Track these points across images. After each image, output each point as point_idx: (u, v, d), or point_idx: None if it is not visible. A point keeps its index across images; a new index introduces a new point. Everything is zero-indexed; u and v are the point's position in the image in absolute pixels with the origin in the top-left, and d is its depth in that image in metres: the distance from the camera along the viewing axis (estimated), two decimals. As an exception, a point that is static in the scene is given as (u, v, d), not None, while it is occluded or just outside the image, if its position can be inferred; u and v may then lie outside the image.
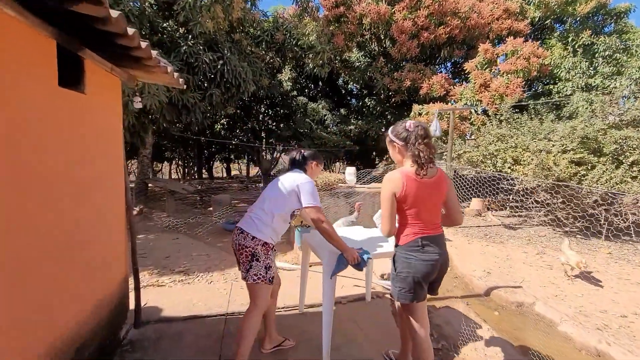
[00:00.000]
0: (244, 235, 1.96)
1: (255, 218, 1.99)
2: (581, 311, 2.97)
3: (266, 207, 1.99)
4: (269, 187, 2.08)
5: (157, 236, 5.72)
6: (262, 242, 1.92)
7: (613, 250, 4.80)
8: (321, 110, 11.27)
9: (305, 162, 2.15)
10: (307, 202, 1.95)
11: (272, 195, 2.02)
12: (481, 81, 7.31)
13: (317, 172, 2.25)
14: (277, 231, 2.02)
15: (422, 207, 1.66)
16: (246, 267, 1.96)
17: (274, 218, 1.96)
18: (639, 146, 4.98)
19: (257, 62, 8.11)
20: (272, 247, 2.01)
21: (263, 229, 1.94)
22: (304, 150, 2.22)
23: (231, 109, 8.37)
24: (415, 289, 1.70)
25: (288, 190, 1.98)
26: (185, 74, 6.66)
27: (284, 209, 1.98)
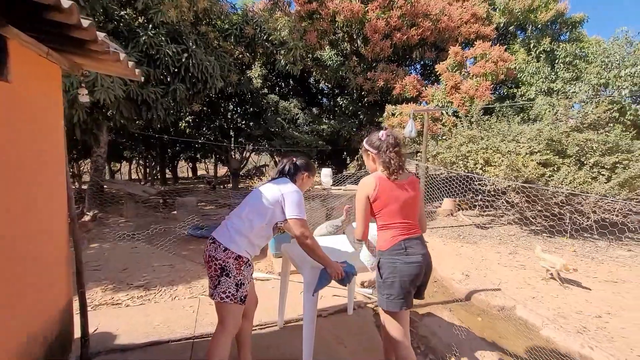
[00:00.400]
0: (215, 246, 1.72)
1: (230, 227, 1.76)
2: (559, 313, 2.98)
3: (245, 215, 1.77)
4: (251, 194, 1.86)
5: (113, 245, 5.18)
6: (234, 255, 1.69)
7: (577, 249, 5.00)
8: (293, 108, 10.99)
9: (296, 173, 1.94)
10: (292, 213, 1.73)
11: (253, 202, 1.80)
12: (452, 83, 7.42)
13: (307, 184, 2.04)
14: (255, 244, 1.78)
15: (397, 205, 1.71)
16: (214, 283, 1.71)
17: (253, 229, 1.74)
18: (599, 148, 5.23)
19: (225, 57, 7.68)
20: (247, 262, 1.75)
21: (237, 240, 1.71)
22: (297, 159, 1.99)
23: (197, 106, 7.88)
24: (404, 294, 1.66)
25: (272, 199, 1.76)
26: (145, 67, 6.12)
27: (265, 219, 1.75)
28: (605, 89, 6.01)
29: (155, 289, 3.52)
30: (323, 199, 4.69)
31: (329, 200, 4.69)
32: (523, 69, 7.77)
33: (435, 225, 6.65)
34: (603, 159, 5.15)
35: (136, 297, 3.30)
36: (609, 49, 6.20)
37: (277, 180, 1.88)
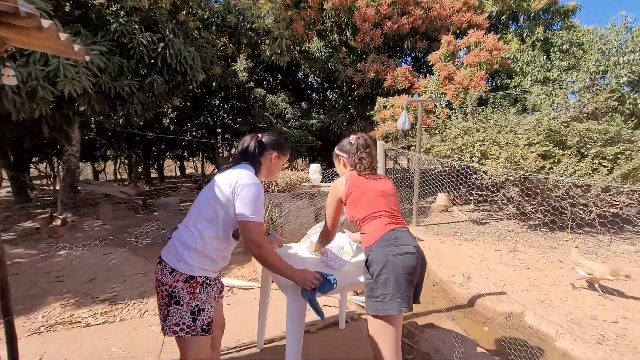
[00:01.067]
0: (161, 267, 1.37)
1: (176, 241, 1.39)
2: (572, 319, 2.70)
3: (192, 222, 1.39)
4: (202, 190, 1.48)
5: (83, 251, 4.74)
6: (184, 276, 1.32)
7: (579, 244, 4.77)
8: (281, 103, 10.57)
9: (262, 153, 1.54)
10: (242, 212, 1.34)
11: (200, 205, 1.42)
12: (445, 73, 7.13)
13: (277, 167, 1.64)
14: (214, 258, 1.40)
15: (375, 193, 1.58)
16: (163, 314, 1.35)
17: (204, 241, 1.36)
18: (600, 138, 5.00)
19: (207, 48, 7.21)
20: (206, 282, 1.38)
21: (187, 257, 1.34)
22: (263, 135, 1.58)
23: (177, 100, 7.40)
24: (402, 291, 1.41)
25: (223, 197, 1.36)
26: (118, 57, 5.64)
27: (217, 225, 1.37)
28: (604, 77, 5.80)
29: (122, 302, 3.13)
30: (312, 197, 4.34)
31: (318, 198, 4.34)
32: (517, 58, 7.51)
33: (430, 221, 6.37)
34: (604, 149, 4.91)
35: (99, 314, 2.91)
36: (606, 35, 5.98)
37: (236, 167, 1.46)
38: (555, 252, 4.44)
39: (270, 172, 1.62)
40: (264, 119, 10.02)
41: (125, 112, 6.43)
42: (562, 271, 3.77)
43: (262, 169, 1.56)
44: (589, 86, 5.85)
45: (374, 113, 8.04)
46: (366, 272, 1.51)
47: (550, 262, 4.06)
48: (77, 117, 6.20)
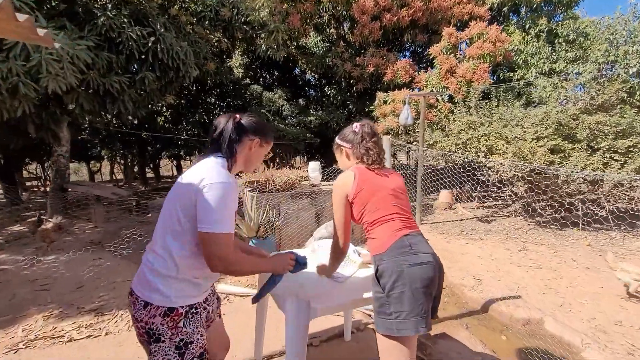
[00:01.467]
0: (133, 300, 1.13)
1: (145, 266, 1.14)
2: (597, 326, 2.50)
3: (158, 243, 1.13)
4: (165, 200, 1.18)
5: (72, 257, 4.51)
6: (161, 310, 1.08)
7: (591, 242, 4.58)
8: (278, 100, 10.33)
9: (240, 139, 1.21)
10: (202, 222, 1.05)
11: (162, 218, 1.15)
12: (447, 67, 6.90)
13: (257, 157, 1.30)
14: (195, 281, 1.15)
15: (386, 192, 1.37)
16: (147, 351, 1.15)
17: (176, 262, 1.10)
18: (611, 131, 4.79)
19: (200, 43, 6.96)
20: (191, 310, 1.13)
21: (159, 285, 1.09)
22: (242, 116, 1.25)
23: (171, 98, 7.15)
24: (420, 309, 1.20)
25: (188, 201, 1.08)
26: (107, 52, 5.39)
27: (186, 239, 1.10)
28: (612, 68, 5.59)
29: (110, 313, 2.91)
30: (312, 196, 4.12)
31: (319, 197, 4.12)
32: (521, 50, 7.29)
33: (434, 219, 6.17)
34: (616, 143, 4.71)
35: (84, 327, 2.69)
36: (614, 24, 5.77)
37: (203, 159, 1.17)
38: (567, 251, 4.24)
39: (249, 162, 1.28)
40: (260, 116, 9.77)
41: (116, 110, 6.18)
42: (576, 271, 3.58)
43: (239, 158, 1.22)
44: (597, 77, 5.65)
45: (374, 108, 7.82)
46: (376, 285, 1.29)
47: (564, 261, 3.86)
48: (65, 116, 5.95)
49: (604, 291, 3.10)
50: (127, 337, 2.46)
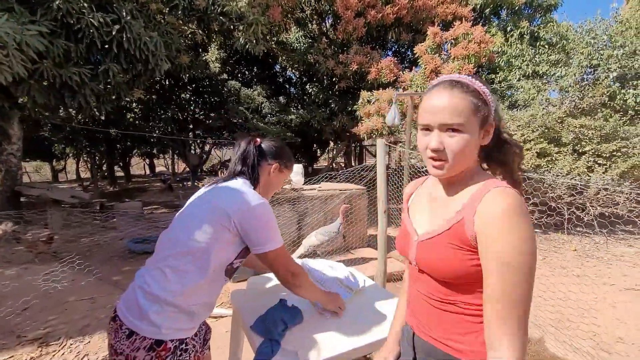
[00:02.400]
0: (115, 327, 0.98)
1: (139, 289, 0.99)
2: (599, 344, 2.35)
3: (166, 262, 1.00)
4: (179, 216, 1.11)
5: (22, 270, 3.98)
6: (148, 342, 0.93)
7: (577, 246, 4.54)
8: (257, 97, 9.90)
9: (260, 163, 1.19)
10: (265, 242, 1.04)
11: (176, 237, 1.04)
12: (432, 66, 6.75)
13: (277, 183, 1.27)
14: (195, 311, 1.01)
15: None
16: None
17: (185, 287, 0.98)
18: (595, 135, 4.77)
19: (173, 34, 6.45)
20: (179, 348, 0.97)
21: (153, 315, 0.95)
22: (262, 140, 1.23)
23: (140, 93, 6.60)
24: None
25: (218, 223, 1.01)
26: (64, 40, 4.83)
27: (207, 264, 1.00)
28: (594, 72, 5.63)
29: (57, 342, 2.48)
30: (293, 202, 3.80)
31: (300, 203, 3.81)
32: (505, 51, 7.27)
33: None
34: (600, 147, 4.69)
35: (23, 362, 2.25)
36: (595, 28, 5.81)
37: (230, 182, 1.11)
38: (555, 257, 4.16)
39: (268, 187, 1.25)
40: (238, 114, 9.33)
41: (77, 105, 5.59)
42: (567, 280, 3.48)
43: (259, 184, 1.20)
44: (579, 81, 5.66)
45: (357, 108, 7.58)
46: None
47: (554, 269, 3.76)
48: (15, 111, 5.31)
49: (599, 302, 2.99)
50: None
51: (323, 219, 3.96)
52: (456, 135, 0.69)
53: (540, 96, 5.79)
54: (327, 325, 1.20)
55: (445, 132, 0.70)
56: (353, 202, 4.07)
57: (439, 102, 0.70)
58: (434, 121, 0.70)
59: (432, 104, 0.71)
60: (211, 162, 19.59)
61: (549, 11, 9.27)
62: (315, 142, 13.03)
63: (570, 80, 5.81)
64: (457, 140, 0.69)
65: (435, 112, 0.70)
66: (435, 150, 0.70)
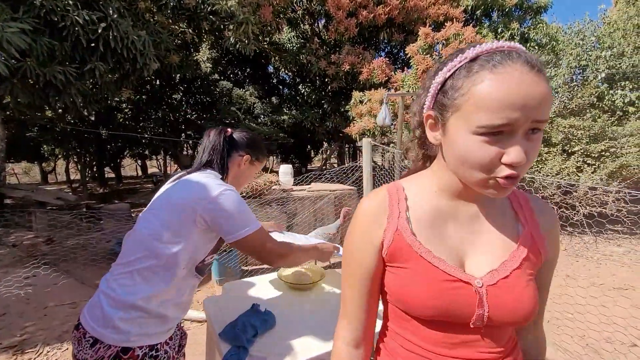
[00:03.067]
0: (79, 336, 0.92)
1: (102, 294, 0.95)
2: (588, 344, 2.33)
3: (131, 265, 0.95)
4: (143, 215, 1.04)
5: (1, 273, 3.85)
6: (113, 350, 0.89)
7: (566, 246, 4.55)
8: (249, 97, 9.83)
9: (230, 154, 1.15)
10: (237, 229, 0.98)
11: (141, 236, 0.98)
12: (424, 67, 6.76)
13: (247, 176, 1.24)
14: (165, 314, 0.96)
15: None
16: None
17: (154, 288, 0.94)
18: (584, 135, 4.80)
19: (162, 33, 6.36)
20: (148, 355, 0.92)
21: (118, 321, 0.90)
22: (234, 130, 1.20)
23: (128, 93, 6.50)
24: None
25: (185, 218, 0.96)
26: (48, 38, 4.72)
27: (175, 263, 0.95)
28: (582, 73, 5.67)
29: (33, 350, 2.39)
30: (282, 202, 3.75)
31: (289, 204, 3.76)
32: (495, 52, 7.31)
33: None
34: (589, 147, 4.72)
35: (-5, 372, 2.16)
36: (583, 30, 5.87)
37: (194, 174, 1.05)
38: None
39: (238, 180, 1.20)
40: (230, 114, 9.24)
41: (62, 105, 5.47)
42: (557, 280, 3.46)
43: (229, 175, 1.15)
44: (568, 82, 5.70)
45: (349, 108, 7.56)
46: None
47: (544, 269, 3.75)
48: (-2, 110, 5.18)
49: (588, 302, 2.96)
50: (47, 386, 1.97)
51: (313, 219, 3.91)
52: (536, 138, 0.49)
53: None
54: (300, 330, 1.15)
55: (525, 135, 0.48)
56: (343, 202, 4.03)
57: (535, 91, 0.45)
58: (525, 118, 0.45)
59: (522, 92, 0.45)
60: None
61: (539, 13, 9.36)
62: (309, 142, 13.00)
63: (559, 81, 5.85)
64: (537, 145, 0.50)
65: (529, 105, 0.45)
66: (518, 164, 0.47)
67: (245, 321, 1.10)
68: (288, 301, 1.39)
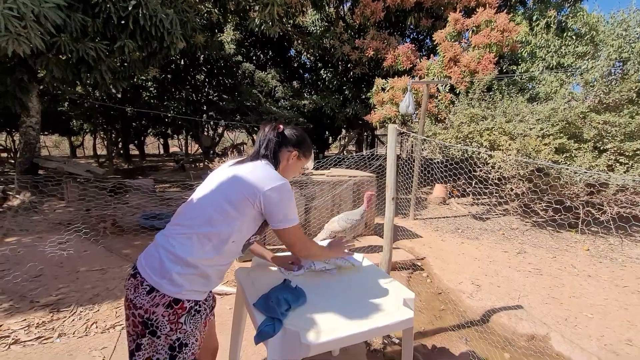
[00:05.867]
0: (135, 283, 1.02)
1: (162, 249, 1.04)
2: (606, 346, 2.29)
3: (191, 228, 1.06)
4: (202, 185, 1.17)
5: (36, 238, 4.11)
6: (167, 299, 0.99)
7: (590, 247, 4.41)
8: (271, 80, 9.82)
9: (279, 149, 1.23)
10: (282, 219, 1.10)
11: (202, 206, 1.09)
12: (451, 55, 6.54)
13: (294, 170, 1.32)
14: (210, 275, 1.07)
15: None
16: (131, 345, 1.03)
17: (206, 252, 1.04)
18: (619, 133, 4.56)
19: (189, 12, 6.40)
20: (195, 307, 1.04)
21: (175, 274, 1.00)
22: (285, 127, 1.27)
23: (155, 71, 6.62)
24: None
25: (244, 199, 1.06)
26: (81, 14, 4.84)
27: (228, 234, 1.06)
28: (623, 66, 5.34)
29: (67, 309, 2.57)
30: (302, 186, 3.79)
31: (309, 188, 3.80)
32: (529, 41, 6.97)
33: (427, 214, 5.94)
34: (623, 145, 4.49)
35: (35, 326, 2.35)
36: (628, 19, 5.49)
37: (253, 163, 1.17)
38: (566, 256, 4.06)
39: (286, 173, 1.27)
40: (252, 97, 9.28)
41: (93, 81, 5.65)
42: (578, 279, 3.39)
43: (279, 169, 1.23)
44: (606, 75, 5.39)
45: (371, 95, 7.44)
46: None
47: (564, 267, 3.67)
48: (34, 84, 5.40)
49: (609, 303, 2.91)
50: (80, 344, 2.13)
51: (331, 204, 3.95)
52: None
53: (563, 90, 5.55)
54: (330, 309, 1.19)
55: None
56: (363, 189, 4.03)
57: None
58: None
59: None
60: (223, 145, 19.71)
61: (579, 0, 8.81)
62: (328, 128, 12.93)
63: (596, 74, 5.53)
64: None
65: None
66: None
67: (279, 295, 1.16)
68: (315, 281, 1.43)
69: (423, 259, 3.80)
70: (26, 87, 5.35)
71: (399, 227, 4.95)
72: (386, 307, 1.21)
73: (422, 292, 3.12)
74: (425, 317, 2.68)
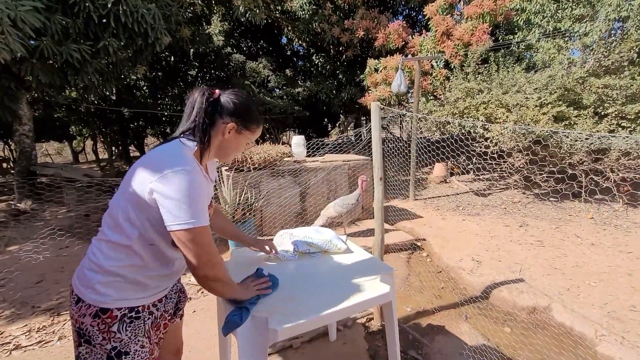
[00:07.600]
0: (70, 293, 0.99)
1: (87, 255, 0.98)
2: (609, 313, 2.25)
3: (105, 229, 0.96)
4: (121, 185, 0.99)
5: (37, 245, 4.14)
6: (92, 310, 0.91)
7: (594, 215, 4.34)
8: (262, 70, 9.66)
9: (212, 121, 0.98)
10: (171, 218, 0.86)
11: (112, 206, 0.97)
12: (443, 28, 6.34)
13: (234, 146, 1.04)
14: (143, 282, 0.96)
15: None
16: (75, 351, 0.97)
17: (121, 257, 0.93)
18: (619, 96, 4.42)
19: (172, 6, 6.25)
20: (128, 316, 0.93)
21: (97, 284, 0.92)
22: (223, 91, 1.00)
23: (143, 69, 6.52)
24: None
25: (139, 192, 0.89)
26: (60, 16, 4.74)
27: (134, 235, 0.92)
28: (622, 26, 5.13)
29: (67, 313, 2.58)
30: (295, 174, 3.74)
31: (303, 175, 3.75)
32: (524, 8, 6.72)
33: (428, 194, 5.87)
34: (625, 108, 4.35)
35: (36, 331, 2.37)
36: (626, -24, 5.24)
37: (160, 148, 0.95)
38: (569, 226, 4.00)
39: (223, 151, 1.04)
40: (244, 88, 9.15)
41: (81, 84, 5.58)
42: (581, 248, 3.33)
43: (212, 145, 1.00)
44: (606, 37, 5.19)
45: (364, 77, 7.29)
46: None
47: (567, 237, 3.61)
48: (22, 91, 5.35)
49: (613, 270, 2.85)
50: (79, 344, 2.14)
51: (327, 190, 3.90)
52: None
53: (561, 56, 5.37)
54: (303, 292, 1.15)
55: None
56: (357, 173, 3.97)
57: None
58: None
59: None
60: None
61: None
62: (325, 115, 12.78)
63: (595, 37, 5.34)
64: None
65: None
66: None
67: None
68: (294, 267, 1.40)
69: (423, 240, 3.76)
70: (14, 94, 5.31)
71: (398, 209, 4.91)
72: (361, 285, 1.18)
73: (422, 272, 3.09)
74: (425, 297, 2.65)
